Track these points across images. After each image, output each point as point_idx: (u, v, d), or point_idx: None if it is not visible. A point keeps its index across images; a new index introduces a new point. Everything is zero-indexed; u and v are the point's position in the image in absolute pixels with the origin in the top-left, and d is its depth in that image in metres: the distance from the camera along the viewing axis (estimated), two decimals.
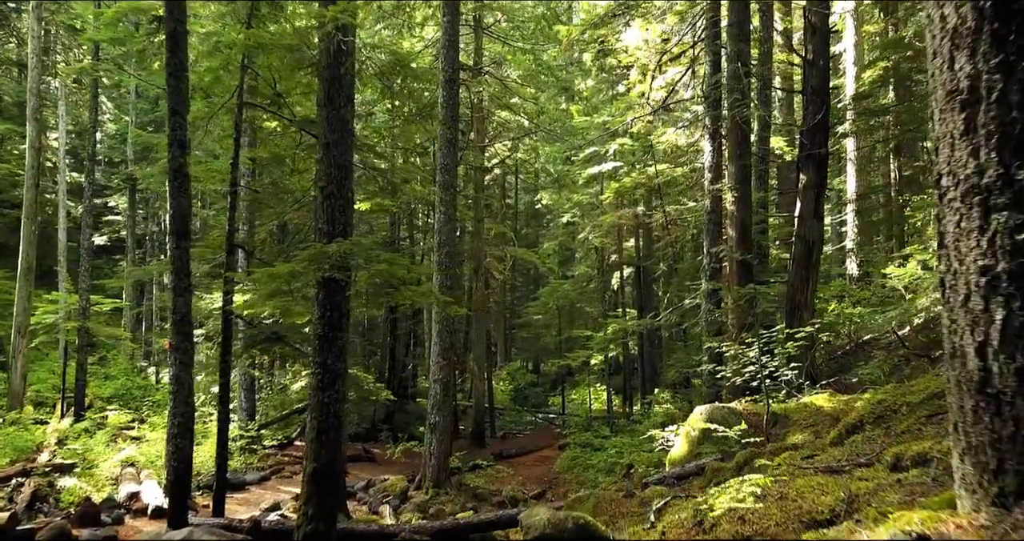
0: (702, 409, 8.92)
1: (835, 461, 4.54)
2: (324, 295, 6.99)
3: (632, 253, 27.20)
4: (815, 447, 6.35)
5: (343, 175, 7.17)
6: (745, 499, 3.26)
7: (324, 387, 6.92)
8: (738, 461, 7.03)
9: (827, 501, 3.27)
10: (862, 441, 5.14)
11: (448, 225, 14.60)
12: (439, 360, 14.47)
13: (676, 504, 4.85)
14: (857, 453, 4.64)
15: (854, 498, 3.19)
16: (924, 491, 2.97)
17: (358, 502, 13.59)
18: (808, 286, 12.39)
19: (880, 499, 2.99)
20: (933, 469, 3.27)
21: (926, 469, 3.34)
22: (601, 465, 16.74)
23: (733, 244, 12.74)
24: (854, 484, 3.45)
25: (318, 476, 6.78)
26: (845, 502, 3.16)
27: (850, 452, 4.73)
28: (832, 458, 4.68)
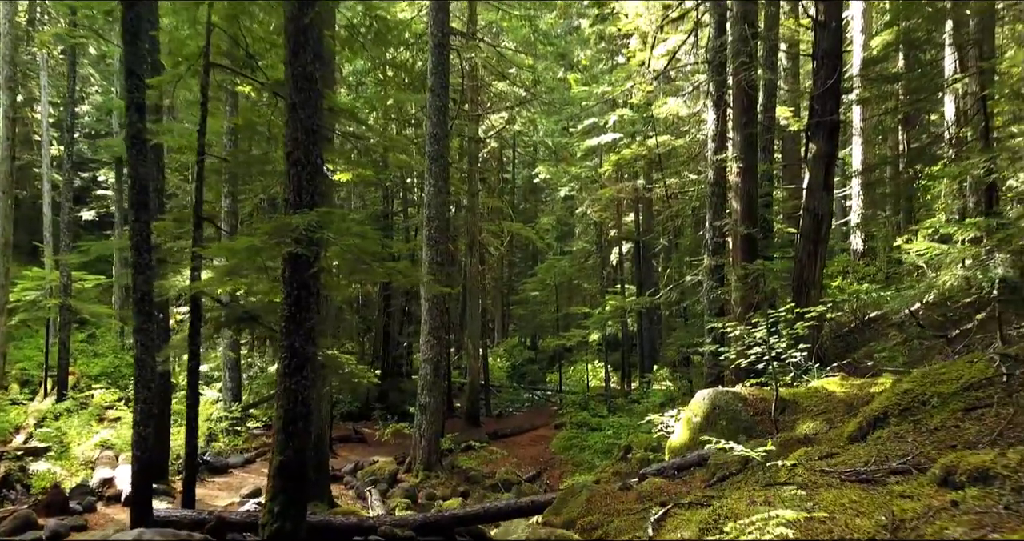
0: (704, 394, 8.33)
1: (862, 464, 3.93)
2: (291, 272, 6.35)
3: (632, 228, 26.52)
4: (831, 441, 5.76)
5: (311, 140, 6.48)
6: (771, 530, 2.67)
7: (291, 373, 6.30)
8: (744, 453, 6.44)
9: (865, 526, 2.67)
10: (888, 438, 4.54)
11: (438, 198, 13.92)
12: (429, 339, 13.88)
13: (678, 515, 4.25)
14: (886, 454, 4.03)
15: (899, 524, 2.59)
16: (995, 523, 2.38)
17: (344, 486, 13.09)
18: (816, 262, 11.75)
19: (936, 530, 2.40)
20: (1000, 491, 2.67)
21: (988, 489, 2.74)
22: (598, 446, 16.25)
23: (737, 218, 12.08)
24: (895, 503, 2.84)
25: (285, 470, 6.19)
26: (889, 529, 2.56)
27: (877, 453, 4.12)
28: (857, 459, 4.07)
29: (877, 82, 15.05)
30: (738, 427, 7.69)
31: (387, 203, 25.92)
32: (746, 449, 3.49)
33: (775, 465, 5.20)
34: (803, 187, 12.62)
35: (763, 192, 15.04)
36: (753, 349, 8.35)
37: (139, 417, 7.62)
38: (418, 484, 13.44)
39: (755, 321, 8.04)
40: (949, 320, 10.34)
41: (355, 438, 17.63)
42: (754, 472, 5.94)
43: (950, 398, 4.70)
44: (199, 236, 8.63)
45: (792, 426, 7.25)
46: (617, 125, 22.60)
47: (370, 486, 12.66)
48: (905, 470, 3.53)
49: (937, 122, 24.27)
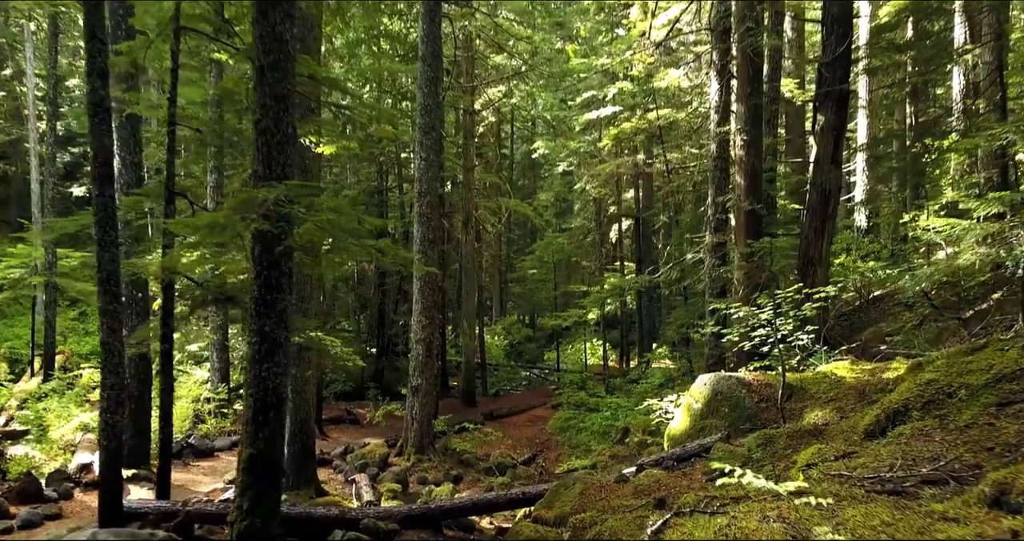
0: (705, 379, 7.88)
1: (887, 468, 3.48)
2: (260, 251, 5.85)
3: (631, 204, 25.99)
4: (844, 434, 5.31)
5: (281, 107, 5.95)
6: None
7: (262, 359, 5.84)
8: (750, 446, 6.01)
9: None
10: (913, 436, 4.08)
11: (429, 172, 13.38)
12: (421, 319, 13.43)
13: (678, 526, 3.81)
14: (913, 457, 3.57)
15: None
16: None
17: (333, 470, 12.71)
18: (823, 240, 11.26)
19: None
20: None
21: None
22: (595, 427, 15.89)
23: (741, 193, 11.56)
24: (939, 529, 2.40)
25: (255, 463, 5.75)
26: None
27: (903, 454, 3.66)
28: (880, 462, 3.61)
29: (890, 51, 14.38)
30: (741, 415, 7.25)
31: (381, 179, 25.32)
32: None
33: (785, 464, 4.77)
34: (809, 161, 12.11)
35: (767, 167, 14.50)
36: (757, 331, 7.89)
37: (107, 404, 7.19)
38: (410, 468, 13.07)
39: (760, 302, 7.56)
40: (963, 300, 9.88)
41: (347, 419, 17.27)
42: (761, 468, 5.51)
43: (980, 391, 4.24)
44: (171, 211, 8.14)
45: (799, 414, 6.81)
46: (617, 98, 21.95)
47: (360, 471, 12.29)
48: (940, 479, 3.08)
49: (943, 96, 23.64)
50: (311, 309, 10.54)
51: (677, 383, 16.15)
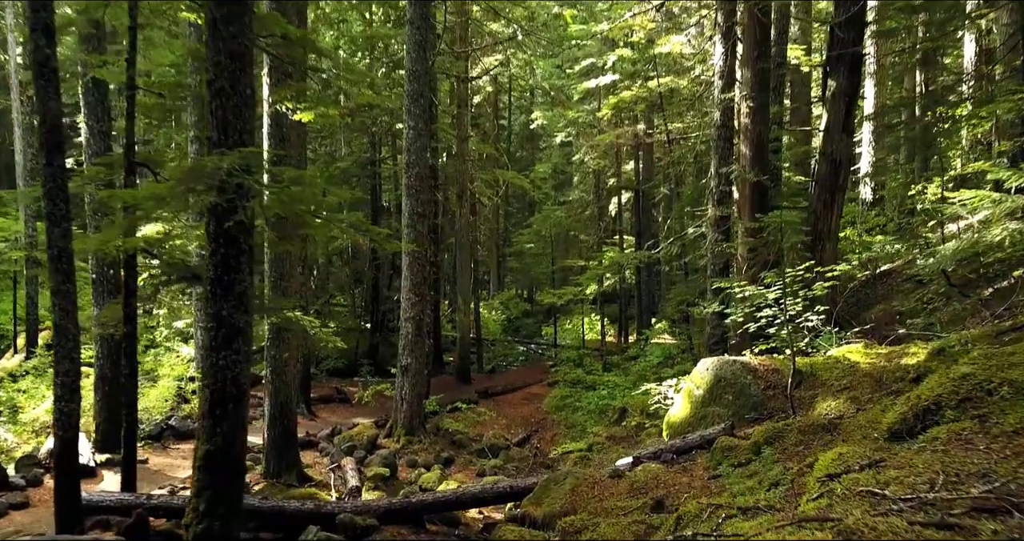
0: (708, 363, 7.34)
1: (926, 485, 2.93)
2: (215, 226, 5.26)
3: (631, 176, 25.29)
4: (863, 430, 4.76)
5: (238, 65, 5.32)
6: None
7: (219, 346, 5.28)
8: (756, 440, 5.47)
9: None
10: (950, 442, 3.53)
11: (418, 142, 12.71)
12: (410, 296, 12.87)
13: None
14: (956, 471, 3.02)
15: None
16: None
17: (320, 453, 12.24)
18: (832, 213, 10.65)
19: None
20: None
21: None
22: (592, 406, 15.43)
23: (746, 163, 10.92)
24: None
25: (212, 461, 5.23)
26: None
27: (942, 466, 3.11)
28: (917, 477, 3.06)
29: (905, 12, 13.62)
30: (746, 403, 6.73)
31: (374, 150, 24.58)
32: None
33: (799, 467, 4.24)
34: (815, 131, 11.48)
35: (772, 136, 13.84)
36: (763, 311, 7.34)
37: (60, 392, 6.65)
38: (399, 450, 12.61)
39: (768, 281, 7.00)
40: (982, 277, 9.30)
41: (337, 398, 16.80)
42: (768, 465, 4.98)
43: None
44: (132, 183, 7.53)
45: (810, 403, 6.28)
46: (617, 65, 21.18)
47: (347, 454, 11.82)
48: (997, 507, 2.53)
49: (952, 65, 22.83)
50: (291, 287, 9.96)
51: (676, 361, 15.67)
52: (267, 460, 10.00)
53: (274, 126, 9.68)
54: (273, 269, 9.81)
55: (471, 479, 11.81)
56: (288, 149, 9.78)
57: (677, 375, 14.42)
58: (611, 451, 12.06)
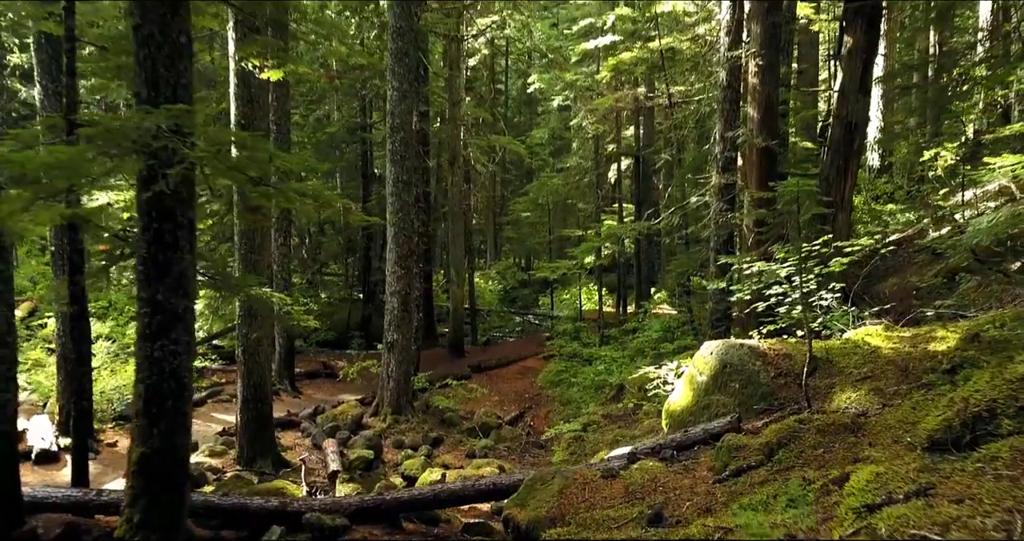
0: (712, 347, 6.68)
1: (1002, 530, 2.27)
2: (147, 197, 4.55)
3: (631, 142, 24.41)
4: (896, 434, 4.11)
5: (169, 7, 4.54)
6: None
7: (154, 335, 4.60)
8: (768, 439, 4.83)
9: None
10: (1013, 461, 2.88)
11: (403, 104, 11.90)
12: (396, 269, 12.18)
13: None
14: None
15: None
16: None
17: (302, 433, 11.67)
18: (846, 180, 9.94)
19: None
20: None
21: None
22: (588, 382, 14.84)
23: (754, 127, 10.14)
24: None
25: (149, 465, 4.58)
26: None
27: (1015, 504, 2.46)
28: (986, 517, 2.41)
29: None
30: (754, 392, 6.08)
31: (364, 115, 23.64)
32: None
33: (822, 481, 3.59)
34: (832, 90, 10.69)
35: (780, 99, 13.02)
36: (773, 289, 6.66)
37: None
38: (385, 430, 12.05)
39: (780, 256, 6.30)
40: (1008, 250, 8.59)
41: (324, 373, 16.22)
42: (785, 474, 4.34)
43: None
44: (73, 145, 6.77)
45: (827, 394, 5.62)
46: (616, 25, 20.18)
47: (329, 435, 11.25)
48: None
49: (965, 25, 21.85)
50: (263, 261, 9.27)
51: (676, 335, 15.04)
52: (240, 445, 9.41)
53: (241, 86, 8.88)
54: (243, 241, 9.10)
55: (460, 461, 11.26)
56: (257, 111, 9.00)
57: (677, 351, 13.84)
58: (607, 431, 11.50)
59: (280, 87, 13.99)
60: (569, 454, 11.00)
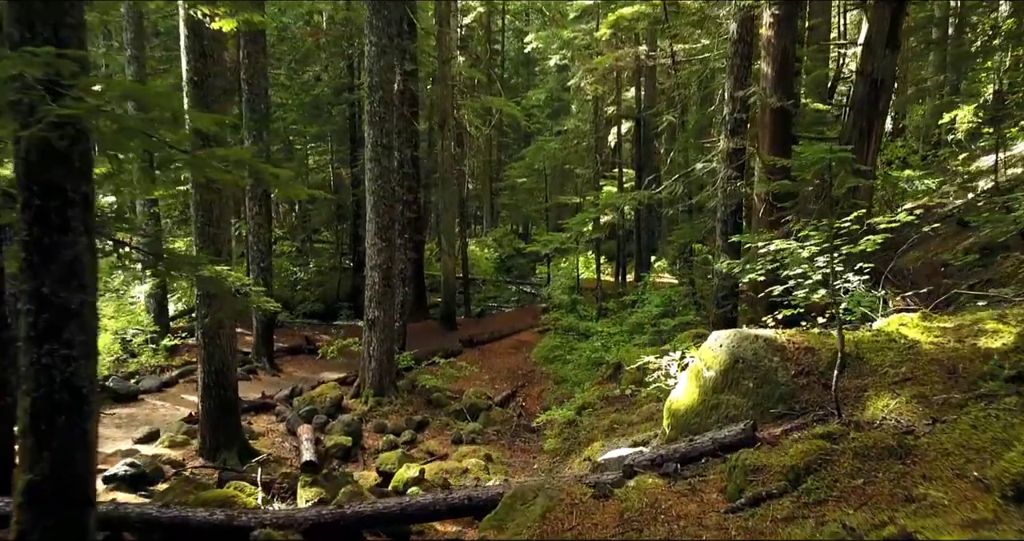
0: (721, 337, 5.82)
1: None
2: (24, 168, 3.65)
3: (632, 105, 23.26)
4: (959, 467, 3.27)
5: None
6: None
7: (41, 336, 3.74)
8: (794, 462, 3.99)
9: None
10: None
11: (382, 61, 10.87)
12: (376, 241, 11.28)
13: None
14: None
15: None
16: None
17: (276, 417, 10.90)
18: (870, 144, 8.99)
19: None
20: None
21: None
22: (584, 360, 14.05)
23: (768, 85, 9.14)
24: None
25: (40, 494, 3.76)
26: None
27: None
28: None
29: None
30: (771, 393, 5.24)
31: (352, 75, 22.45)
32: None
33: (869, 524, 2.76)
34: (857, 43, 9.69)
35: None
36: (796, 271, 5.78)
37: None
38: (367, 412, 11.29)
39: (804, 233, 5.40)
40: None
41: (307, 349, 15.39)
42: (816, 512, 3.51)
43: None
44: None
45: (859, 400, 4.78)
46: None
47: (305, 420, 10.49)
48: None
49: None
50: (223, 236, 8.37)
51: (678, 310, 14.20)
52: (202, 435, 8.63)
53: (192, 37, 7.88)
54: (199, 213, 8.20)
55: (445, 447, 10.51)
56: (211, 67, 8.01)
57: (679, 328, 13.01)
58: (603, 415, 10.73)
59: (254, 43, 12.95)
60: (562, 440, 10.25)
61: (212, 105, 8.06)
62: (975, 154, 17.09)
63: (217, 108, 8.16)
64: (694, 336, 11.08)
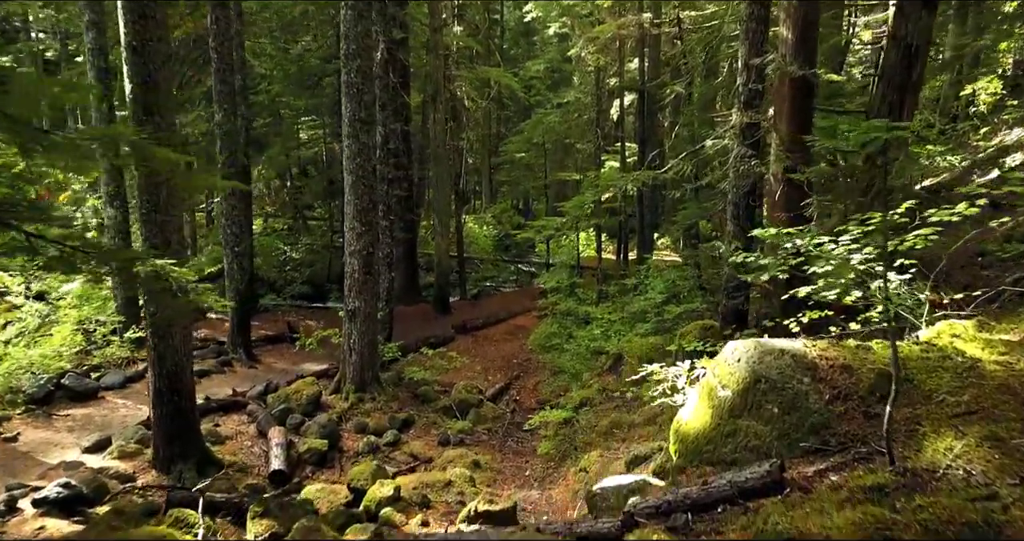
0: (739, 349, 4.91)
1: None
2: None
3: (636, 76, 22.10)
4: None
5: None
6: None
7: None
8: (842, 537, 3.10)
9: None
10: None
11: (358, 26, 9.86)
12: (355, 225, 10.34)
13: None
14: None
15: None
16: None
17: (248, 417, 10.05)
18: (902, 119, 7.96)
19: None
20: None
21: None
22: (582, 349, 13.15)
23: (788, 51, 8.11)
24: None
25: None
26: None
27: None
28: None
29: None
30: (801, 422, 4.34)
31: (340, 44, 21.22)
32: None
33: None
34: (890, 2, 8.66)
35: None
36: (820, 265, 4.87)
37: None
38: (347, 410, 10.46)
39: (840, 229, 4.47)
40: None
41: (289, 337, 14.49)
42: None
43: None
44: None
45: (912, 437, 3.88)
46: None
47: (278, 421, 9.65)
48: None
49: None
50: (172, 224, 7.44)
51: (683, 296, 13.28)
52: (156, 445, 7.79)
53: None
54: (144, 199, 7.27)
55: (431, 449, 9.71)
56: (154, 30, 7.01)
57: (684, 317, 12.11)
58: (602, 414, 9.86)
59: (221, 7, 11.90)
60: (557, 443, 9.42)
61: (155, 74, 7.09)
62: (997, 128, 16.04)
63: (162, 77, 7.19)
64: (701, 328, 10.18)
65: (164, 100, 7.29)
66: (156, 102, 7.17)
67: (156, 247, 7.36)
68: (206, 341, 13.75)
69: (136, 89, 7.09)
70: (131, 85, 7.09)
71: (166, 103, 7.29)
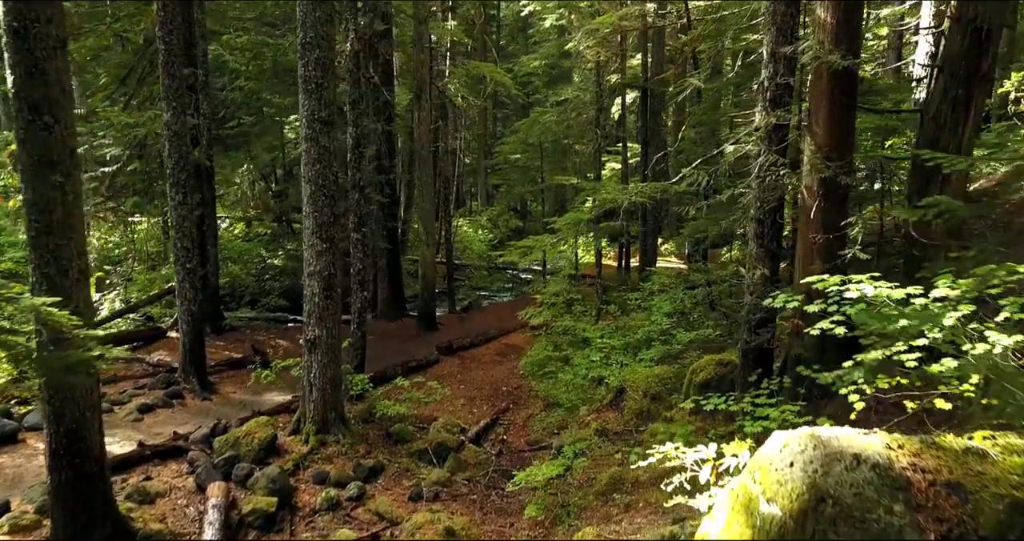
0: (791, 446, 3.47)
1: None
2: None
3: (638, 73, 20.67)
4: None
5: None
6: None
7: None
8: None
9: None
10: None
11: (317, 11, 8.43)
12: (314, 242, 8.92)
13: None
14: None
15: None
16: None
17: (188, 466, 8.61)
18: (967, 119, 6.58)
19: None
20: None
21: None
22: (579, 379, 11.69)
23: (828, 37, 6.66)
24: None
25: None
26: None
27: None
28: None
29: None
30: None
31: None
32: None
33: None
34: None
35: None
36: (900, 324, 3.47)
37: None
38: (306, 455, 9.03)
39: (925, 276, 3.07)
40: None
41: (256, 361, 13.03)
42: None
43: None
44: None
45: None
46: None
47: (221, 475, 8.23)
48: None
49: None
50: (70, 247, 6.01)
51: (693, 318, 11.86)
52: (54, 519, 6.37)
53: None
54: (34, 215, 5.86)
55: (400, 505, 8.31)
56: (40, 10, 5.61)
57: (695, 347, 10.72)
58: (603, 466, 8.44)
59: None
60: (548, 503, 8.00)
61: (44, 63, 5.68)
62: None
63: (55, 67, 5.78)
64: (717, 364, 8.77)
65: (58, 96, 5.88)
66: (46, 98, 5.78)
67: (49, 278, 5.96)
68: (158, 367, 12.32)
69: (20, 81, 5.69)
70: (13, 77, 5.70)
71: (60, 100, 5.88)
